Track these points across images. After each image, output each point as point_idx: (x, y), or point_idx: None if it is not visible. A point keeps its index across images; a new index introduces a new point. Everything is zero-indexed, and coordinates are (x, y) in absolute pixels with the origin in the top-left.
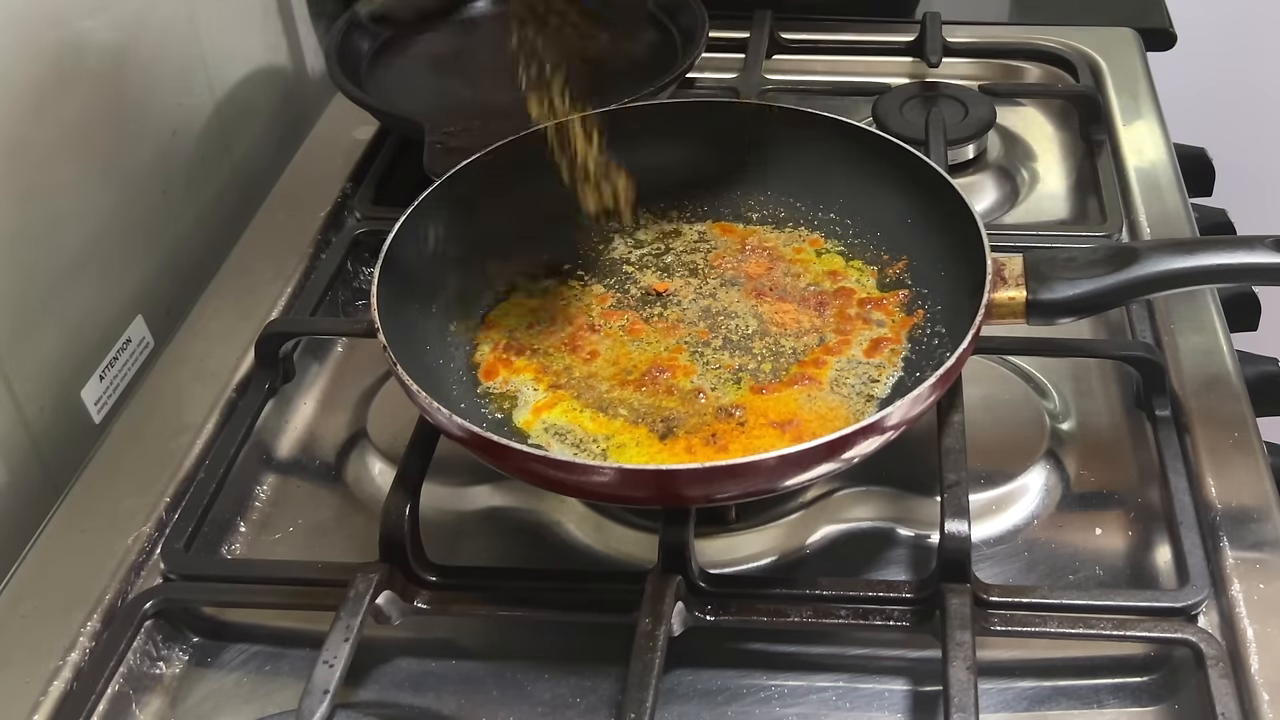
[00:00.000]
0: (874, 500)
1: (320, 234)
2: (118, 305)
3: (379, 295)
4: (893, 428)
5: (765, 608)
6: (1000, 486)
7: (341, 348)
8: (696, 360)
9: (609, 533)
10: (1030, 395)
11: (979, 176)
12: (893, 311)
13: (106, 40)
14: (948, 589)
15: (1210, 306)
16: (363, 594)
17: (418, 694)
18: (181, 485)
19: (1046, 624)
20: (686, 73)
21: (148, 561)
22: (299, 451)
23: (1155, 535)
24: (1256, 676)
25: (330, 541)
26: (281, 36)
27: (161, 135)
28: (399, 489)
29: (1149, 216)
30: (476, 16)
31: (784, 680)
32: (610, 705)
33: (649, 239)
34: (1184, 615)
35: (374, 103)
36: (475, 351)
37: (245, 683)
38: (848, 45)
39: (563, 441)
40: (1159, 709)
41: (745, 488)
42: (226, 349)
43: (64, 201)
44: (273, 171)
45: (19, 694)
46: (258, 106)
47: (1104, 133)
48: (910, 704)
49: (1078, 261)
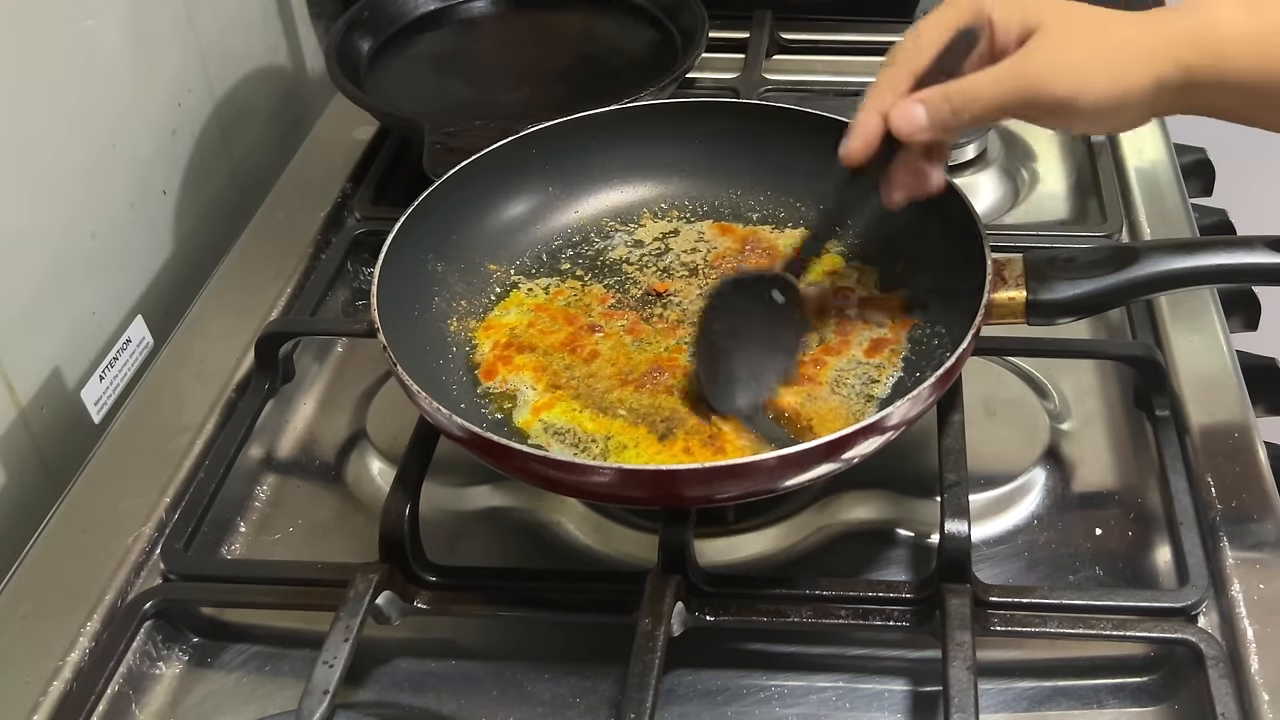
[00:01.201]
0: (874, 500)
1: (320, 234)
2: (118, 305)
3: (379, 295)
4: (893, 428)
5: (765, 608)
6: (1000, 486)
7: (341, 348)
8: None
9: (609, 533)
10: (1030, 395)
11: (979, 176)
12: (893, 312)
13: (107, 40)
14: (948, 589)
15: (1210, 306)
16: (363, 594)
17: (418, 694)
18: (181, 485)
19: (1046, 624)
20: (686, 73)
21: (148, 561)
22: (299, 451)
23: (1155, 535)
24: (1256, 676)
25: (330, 541)
26: (281, 36)
27: (162, 135)
28: (399, 489)
29: (1149, 216)
30: (476, 16)
31: (784, 680)
32: (610, 705)
33: (649, 239)
34: (1184, 615)
35: (374, 103)
36: (475, 351)
37: (245, 683)
38: (848, 45)
39: (562, 441)
40: (1159, 709)
41: (745, 488)
42: (226, 349)
43: (64, 201)
44: (273, 171)
45: (19, 694)
46: (258, 106)
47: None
48: (910, 704)
49: (1078, 262)
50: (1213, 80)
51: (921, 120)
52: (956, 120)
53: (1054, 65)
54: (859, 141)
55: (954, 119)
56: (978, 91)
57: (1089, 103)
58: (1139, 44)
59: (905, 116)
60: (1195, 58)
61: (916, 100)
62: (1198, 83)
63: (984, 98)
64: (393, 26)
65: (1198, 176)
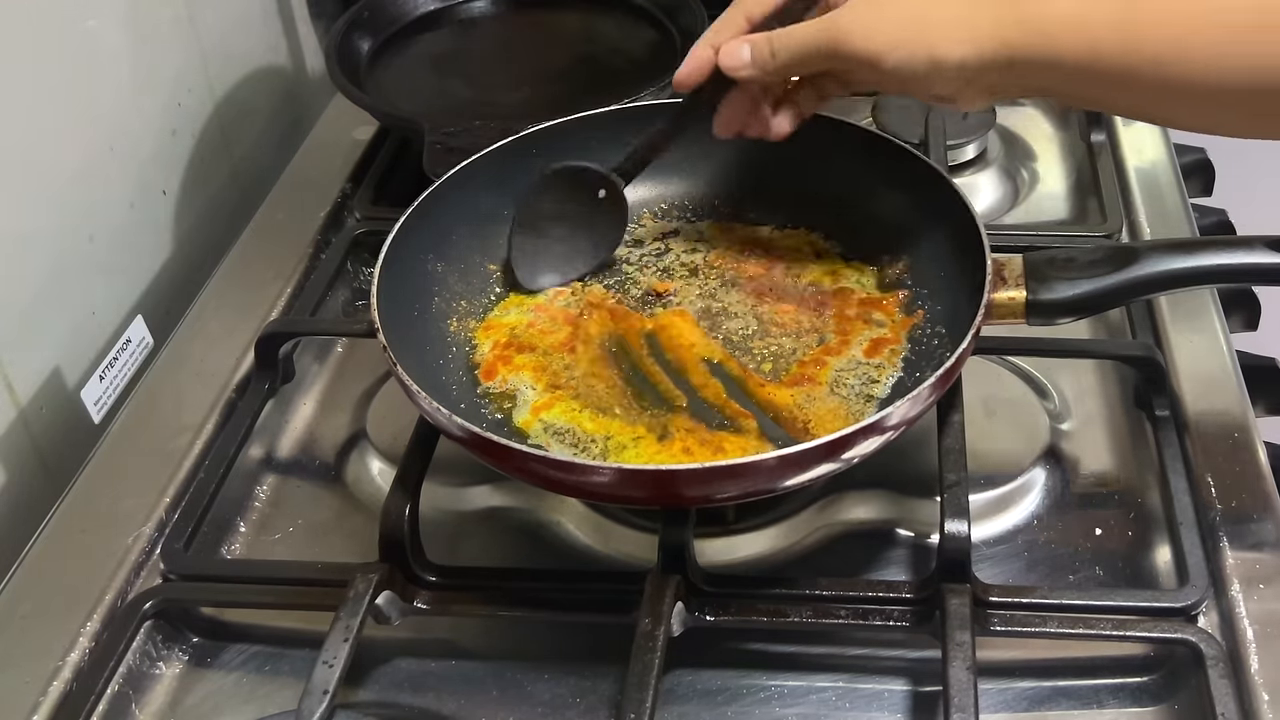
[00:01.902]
0: (874, 500)
1: (320, 234)
2: (118, 305)
3: (379, 295)
4: (893, 428)
5: (765, 608)
6: (1000, 486)
7: (341, 348)
8: None
9: (609, 533)
10: (1030, 395)
11: (979, 176)
12: (893, 312)
13: (107, 40)
14: (948, 589)
15: (1210, 306)
16: (362, 594)
17: (418, 694)
18: (181, 485)
19: (1046, 624)
20: None
21: (148, 561)
22: (299, 451)
23: (1155, 535)
24: (1256, 676)
25: (330, 541)
26: (281, 36)
27: (162, 135)
28: (399, 489)
29: (1149, 216)
30: (476, 16)
31: (784, 680)
32: (610, 705)
33: (649, 239)
34: (1184, 615)
35: (374, 103)
36: (475, 351)
37: (245, 683)
38: None
39: (562, 441)
40: (1159, 709)
41: (745, 488)
42: (226, 349)
43: (64, 201)
44: (273, 171)
45: (19, 694)
46: (258, 106)
47: (1104, 133)
48: (910, 704)
49: (1078, 262)
50: (1041, 60)
51: (745, 57)
52: (774, 62)
53: (862, 25)
54: (689, 69)
55: (772, 61)
56: (793, 36)
57: (893, 65)
58: (953, 19)
59: (730, 53)
60: (1020, 37)
61: (744, 40)
62: (1026, 61)
63: (797, 41)
64: (393, 26)
65: (1198, 176)
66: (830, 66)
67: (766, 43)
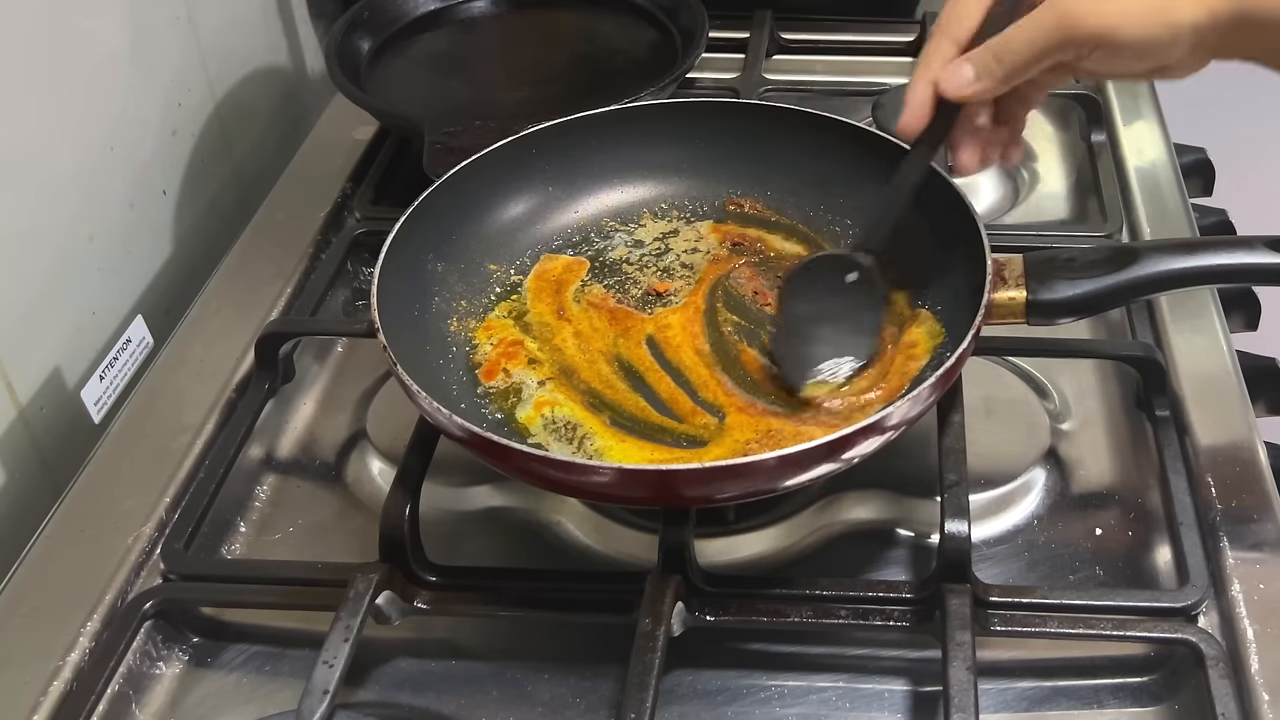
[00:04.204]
0: (874, 500)
1: (320, 234)
2: (118, 305)
3: (379, 295)
4: (893, 428)
5: (765, 608)
6: (1000, 486)
7: (341, 348)
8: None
9: (609, 533)
10: (1030, 395)
11: (979, 176)
12: (893, 312)
13: (106, 40)
14: (948, 589)
15: (1210, 306)
16: (363, 594)
17: (418, 694)
18: (181, 485)
19: (1046, 624)
20: (686, 73)
21: (148, 561)
22: (299, 451)
23: (1155, 535)
24: (1256, 676)
25: (330, 541)
26: (281, 36)
27: (162, 135)
28: (399, 489)
29: (1149, 216)
30: (476, 16)
31: (784, 680)
32: (610, 705)
33: (649, 239)
34: (1184, 615)
35: (374, 103)
36: (475, 351)
37: (245, 683)
38: (848, 45)
39: (562, 441)
40: (1159, 709)
41: (745, 488)
42: (226, 349)
43: (64, 202)
44: (273, 171)
45: (19, 694)
46: (258, 106)
47: (1104, 133)
48: (910, 704)
49: (1078, 262)
50: (1271, 18)
51: (968, 74)
52: (1001, 69)
53: (1086, 2)
54: (912, 112)
55: (999, 68)
56: (1015, 38)
57: (1130, 37)
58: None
59: (952, 76)
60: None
61: (962, 60)
62: (1252, 20)
63: (1021, 40)
64: (393, 26)
65: (1198, 176)
66: (1060, 57)
67: (987, 52)
